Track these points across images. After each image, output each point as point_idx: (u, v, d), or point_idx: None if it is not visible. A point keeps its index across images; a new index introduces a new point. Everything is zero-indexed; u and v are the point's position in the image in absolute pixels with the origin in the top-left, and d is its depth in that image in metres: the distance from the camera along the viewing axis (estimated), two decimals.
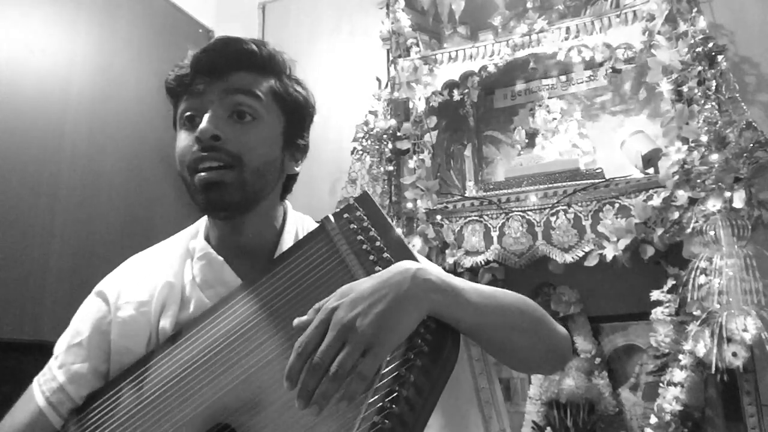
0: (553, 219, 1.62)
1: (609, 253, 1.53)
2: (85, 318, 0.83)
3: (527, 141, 1.89)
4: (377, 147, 1.83)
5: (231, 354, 0.74)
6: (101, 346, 0.80)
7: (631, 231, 1.51)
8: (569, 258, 1.58)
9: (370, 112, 1.88)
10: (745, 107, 1.47)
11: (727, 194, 1.39)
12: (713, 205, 1.40)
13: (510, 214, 1.67)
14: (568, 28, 1.71)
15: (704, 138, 1.45)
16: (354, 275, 0.73)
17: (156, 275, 0.84)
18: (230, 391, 0.71)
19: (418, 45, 1.91)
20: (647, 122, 1.77)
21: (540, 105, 1.89)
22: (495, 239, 1.67)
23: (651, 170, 1.62)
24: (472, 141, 1.99)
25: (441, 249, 1.72)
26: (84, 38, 1.80)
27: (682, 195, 1.46)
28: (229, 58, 0.81)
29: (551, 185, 1.68)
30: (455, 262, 1.69)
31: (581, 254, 1.57)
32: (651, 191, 1.53)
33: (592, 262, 1.55)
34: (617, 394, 1.62)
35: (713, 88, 1.46)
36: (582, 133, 1.83)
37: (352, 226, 0.79)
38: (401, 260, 0.72)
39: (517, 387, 1.73)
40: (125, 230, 1.82)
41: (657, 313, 1.49)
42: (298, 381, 0.60)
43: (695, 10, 1.55)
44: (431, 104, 1.84)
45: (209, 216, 0.86)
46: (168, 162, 1.97)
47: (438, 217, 1.75)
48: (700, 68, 1.49)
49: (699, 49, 1.50)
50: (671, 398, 1.40)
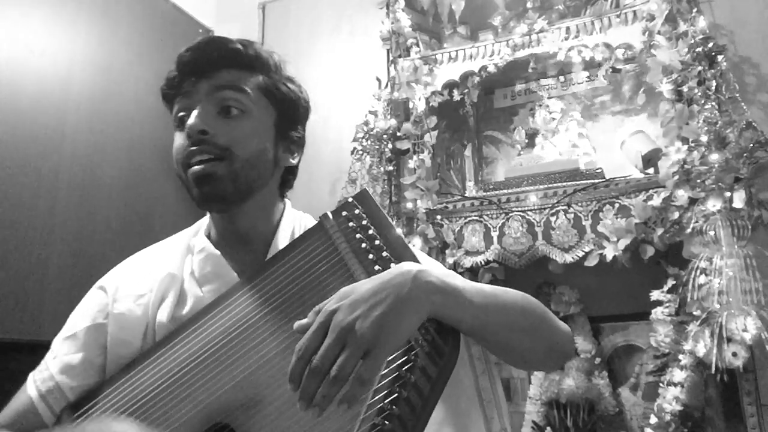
0: (553, 219, 1.62)
1: (609, 253, 1.53)
2: (83, 311, 0.84)
3: (527, 141, 1.89)
4: (377, 147, 1.83)
5: (229, 352, 0.73)
6: (97, 339, 0.80)
7: (631, 231, 1.51)
8: (569, 258, 1.58)
9: (370, 112, 1.88)
10: (745, 107, 1.47)
11: (727, 194, 1.39)
12: (713, 205, 1.40)
13: (510, 214, 1.67)
14: (568, 28, 1.71)
15: (704, 138, 1.44)
16: (353, 274, 0.73)
17: (157, 269, 0.85)
18: (229, 390, 0.71)
19: (418, 45, 1.91)
20: (647, 122, 1.77)
21: (540, 105, 1.89)
22: (495, 239, 1.67)
23: (651, 170, 1.62)
24: (472, 141, 1.99)
25: (441, 249, 1.72)
26: (84, 38, 1.80)
27: (682, 195, 1.46)
28: (214, 57, 0.82)
29: (551, 185, 1.68)
30: (455, 262, 1.68)
31: (581, 254, 1.57)
32: (651, 191, 1.53)
33: (592, 262, 1.55)
34: (617, 394, 1.62)
35: (713, 88, 1.46)
36: (582, 133, 1.83)
37: (351, 224, 0.78)
38: (401, 259, 0.72)
39: (517, 387, 1.73)
40: (125, 229, 1.82)
41: (657, 313, 1.49)
42: (300, 383, 0.60)
43: (695, 10, 1.55)
44: (431, 104, 1.84)
45: (205, 209, 0.86)
46: (168, 161, 1.98)
47: (438, 217, 1.75)
48: (700, 68, 1.48)
49: (699, 49, 1.50)
50: (671, 398, 1.40)
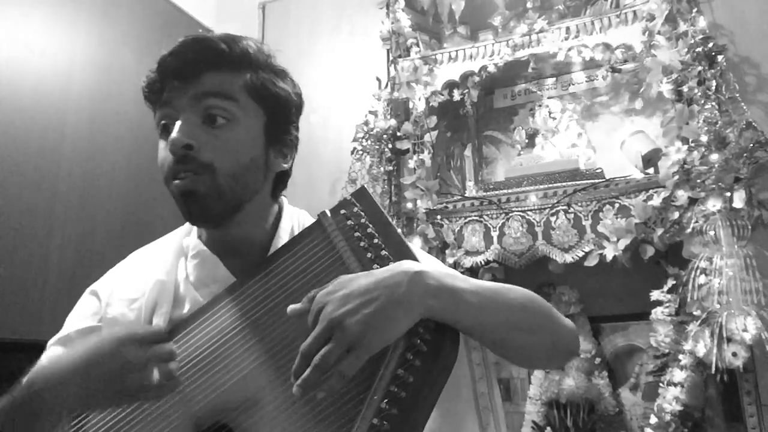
0: (553, 219, 1.62)
1: (609, 253, 1.53)
2: (77, 315, 0.84)
3: (527, 141, 1.89)
4: (377, 147, 1.83)
5: (227, 352, 0.73)
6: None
7: (631, 231, 1.51)
8: (569, 258, 1.58)
9: (370, 112, 1.88)
10: (745, 107, 1.47)
11: (727, 194, 1.39)
12: (713, 205, 1.40)
13: (510, 214, 1.67)
14: (568, 28, 1.71)
15: (704, 138, 1.44)
16: (351, 272, 0.72)
17: (149, 273, 0.83)
18: (227, 390, 0.70)
19: (418, 45, 1.91)
20: (647, 122, 1.77)
21: (540, 105, 1.89)
22: (495, 239, 1.67)
23: (651, 170, 1.62)
24: (472, 141, 1.99)
25: (441, 249, 1.72)
26: (84, 38, 1.80)
27: (682, 195, 1.46)
28: (198, 60, 0.76)
29: (551, 185, 1.68)
30: (455, 262, 1.68)
31: (581, 254, 1.57)
32: (651, 191, 1.53)
33: (592, 262, 1.55)
34: (617, 394, 1.62)
35: (713, 88, 1.46)
36: (582, 133, 1.83)
37: (350, 222, 0.77)
38: (399, 257, 0.72)
39: (517, 387, 1.73)
40: (125, 230, 1.82)
41: (657, 313, 1.49)
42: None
43: (695, 10, 1.55)
44: (431, 104, 1.84)
45: (196, 225, 0.84)
46: None
47: (438, 217, 1.75)
48: (700, 68, 1.48)
49: (699, 49, 1.50)
50: (671, 398, 1.40)
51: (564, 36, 1.71)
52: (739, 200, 1.37)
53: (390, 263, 0.71)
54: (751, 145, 1.40)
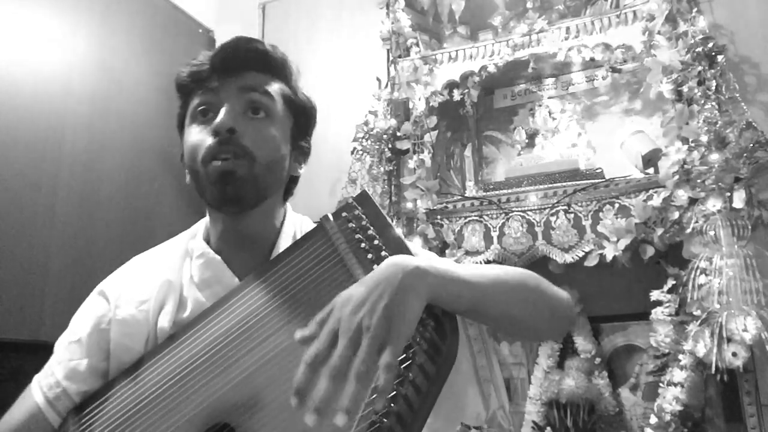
0: (553, 219, 1.62)
1: (609, 253, 1.53)
2: (85, 316, 0.84)
3: (527, 141, 1.89)
4: (377, 147, 1.83)
5: (230, 353, 0.74)
6: (100, 345, 0.81)
7: (631, 231, 1.51)
8: (569, 258, 1.58)
9: (370, 112, 1.88)
10: (745, 107, 1.47)
11: (727, 194, 1.39)
12: (713, 205, 1.40)
13: (510, 214, 1.67)
14: (568, 28, 1.71)
15: (704, 138, 1.45)
16: (352, 274, 0.73)
17: (156, 274, 0.85)
18: (229, 390, 0.71)
19: (418, 45, 1.91)
20: (647, 122, 1.77)
21: (540, 105, 1.89)
22: (495, 239, 1.67)
23: (651, 170, 1.62)
24: (472, 141, 1.99)
25: (441, 249, 1.72)
26: (84, 38, 1.80)
27: (682, 195, 1.46)
28: (245, 58, 0.84)
29: (551, 185, 1.68)
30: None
31: (581, 254, 1.57)
32: (651, 191, 1.53)
33: (592, 262, 1.55)
34: (617, 394, 1.62)
35: (713, 88, 1.46)
36: (582, 133, 1.83)
37: (351, 225, 0.79)
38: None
39: (517, 387, 1.73)
40: (125, 230, 1.82)
41: (657, 313, 1.49)
42: (306, 395, 0.58)
43: (695, 10, 1.55)
44: (431, 104, 1.85)
45: (219, 210, 0.85)
46: (168, 162, 1.98)
47: (438, 217, 1.75)
48: (700, 68, 1.49)
49: (699, 49, 1.50)
50: (671, 398, 1.40)
51: (564, 36, 1.71)
52: (739, 200, 1.37)
53: None
54: (751, 145, 1.40)
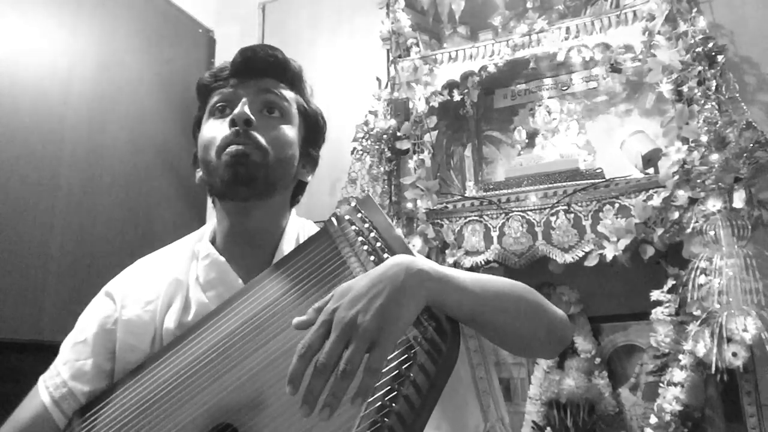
0: (553, 219, 1.62)
1: (609, 253, 1.53)
2: (92, 316, 0.85)
3: (527, 141, 1.89)
4: (377, 147, 1.83)
5: (235, 354, 0.74)
6: (106, 345, 0.82)
7: (631, 231, 1.51)
8: (569, 258, 1.58)
9: (370, 112, 1.88)
10: (745, 107, 1.47)
11: (727, 194, 1.39)
12: (713, 205, 1.40)
13: (510, 214, 1.67)
14: (568, 28, 1.71)
15: (704, 138, 1.45)
16: (355, 276, 0.74)
17: (164, 274, 0.86)
18: (233, 391, 0.72)
19: (418, 45, 1.91)
20: (647, 122, 1.77)
21: (540, 105, 1.89)
22: (495, 239, 1.67)
23: (651, 170, 1.62)
24: (472, 141, 1.99)
25: (441, 249, 1.72)
26: (84, 38, 1.80)
27: (682, 195, 1.46)
28: (265, 63, 0.88)
29: (551, 185, 1.68)
30: (455, 262, 1.69)
31: (581, 254, 1.57)
32: (651, 191, 1.53)
33: (592, 262, 1.55)
34: (617, 394, 1.62)
35: (713, 88, 1.46)
36: (582, 133, 1.83)
37: (354, 228, 0.80)
38: None
39: (517, 387, 1.73)
40: (125, 230, 1.82)
41: (657, 313, 1.49)
42: (300, 385, 0.60)
43: (695, 10, 1.55)
44: (431, 104, 1.84)
45: (228, 196, 0.86)
46: (168, 162, 1.98)
47: (438, 217, 1.75)
48: (700, 68, 1.49)
49: (699, 49, 1.50)
50: (671, 398, 1.40)
51: (564, 36, 1.71)
52: (739, 200, 1.37)
53: None
54: (751, 145, 1.40)
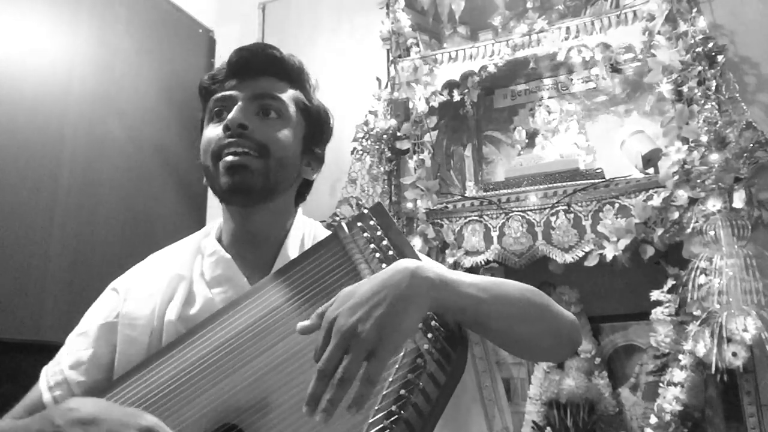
0: (553, 219, 1.62)
1: (609, 253, 1.53)
2: (97, 309, 0.87)
3: (527, 141, 1.89)
4: (377, 147, 1.83)
5: (241, 355, 0.74)
6: (107, 337, 0.82)
7: (631, 231, 1.51)
8: (569, 258, 1.58)
9: (370, 112, 1.88)
10: (745, 107, 1.47)
11: (727, 194, 1.39)
12: (713, 205, 1.40)
13: (510, 214, 1.67)
14: (568, 28, 1.71)
15: (704, 138, 1.45)
16: None
17: (166, 269, 0.87)
18: (239, 392, 0.72)
19: (418, 45, 1.91)
20: (647, 122, 1.77)
21: (540, 105, 1.89)
22: (495, 239, 1.67)
23: (651, 170, 1.62)
24: (472, 141, 1.99)
25: (441, 249, 1.72)
26: (84, 38, 1.80)
27: (682, 195, 1.46)
28: (262, 63, 0.87)
29: (551, 185, 1.68)
30: (455, 262, 1.69)
31: (581, 254, 1.57)
32: (651, 191, 1.53)
33: (592, 262, 1.55)
34: (617, 394, 1.62)
35: (713, 88, 1.46)
36: (582, 133, 1.83)
37: (366, 235, 0.79)
38: None
39: (517, 387, 1.73)
40: (125, 230, 1.82)
41: (657, 313, 1.49)
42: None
43: (695, 10, 1.55)
44: (431, 104, 1.85)
45: (229, 201, 0.87)
46: (168, 162, 1.98)
47: (438, 217, 1.75)
48: (700, 68, 1.49)
49: (699, 49, 1.50)
50: (671, 398, 1.40)
51: (564, 36, 1.71)
52: (739, 200, 1.37)
53: None
54: (751, 145, 1.40)
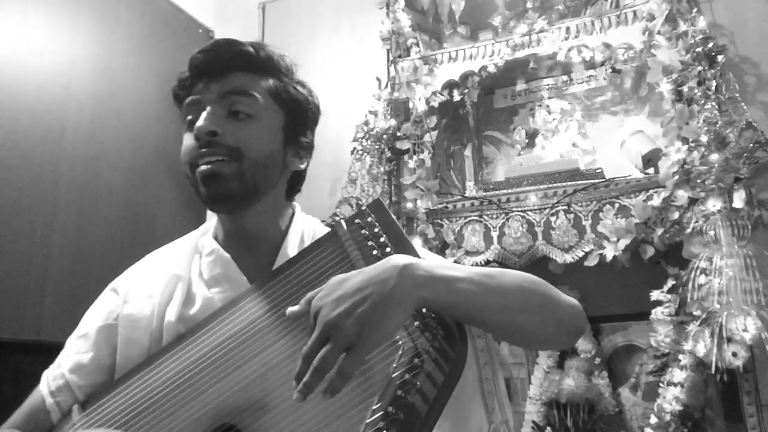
0: (553, 219, 1.62)
1: (609, 253, 1.53)
2: (96, 312, 0.86)
3: (527, 141, 1.89)
4: (377, 147, 1.83)
5: (239, 355, 0.74)
6: (108, 340, 0.82)
7: (631, 231, 1.51)
8: (569, 258, 1.58)
9: (370, 112, 1.88)
10: (745, 107, 1.47)
11: (727, 194, 1.39)
12: (713, 205, 1.40)
13: (510, 214, 1.67)
14: (568, 28, 1.71)
15: (704, 138, 1.45)
16: None
17: (164, 269, 0.86)
18: (237, 392, 0.72)
19: (418, 45, 1.91)
20: (647, 122, 1.77)
21: (540, 105, 1.89)
22: (495, 239, 1.67)
23: (651, 170, 1.62)
24: (472, 141, 1.99)
25: (441, 249, 1.72)
26: (84, 38, 1.80)
27: (682, 195, 1.46)
28: (226, 60, 0.83)
29: (551, 185, 1.68)
30: (455, 262, 1.69)
31: (581, 254, 1.57)
32: (651, 191, 1.53)
33: (592, 262, 1.55)
34: (617, 394, 1.62)
35: (713, 88, 1.46)
36: (582, 133, 1.83)
37: (364, 232, 0.79)
38: None
39: (518, 387, 1.73)
40: (125, 230, 1.82)
41: (657, 313, 1.49)
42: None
43: (695, 10, 1.55)
44: (431, 104, 1.85)
45: (213, 209, 0.87)
46: (168, 162, 1.98)
47: (438, 217, 1.75)
48: (700, 68, 1.49)
49: (699, 49, 1.50)
50: (671, 398, 1.40)
51: (564, 36, 1.71)
52: (739, 200, 1.37)
53: None
54: (751, 145, 1.40)
